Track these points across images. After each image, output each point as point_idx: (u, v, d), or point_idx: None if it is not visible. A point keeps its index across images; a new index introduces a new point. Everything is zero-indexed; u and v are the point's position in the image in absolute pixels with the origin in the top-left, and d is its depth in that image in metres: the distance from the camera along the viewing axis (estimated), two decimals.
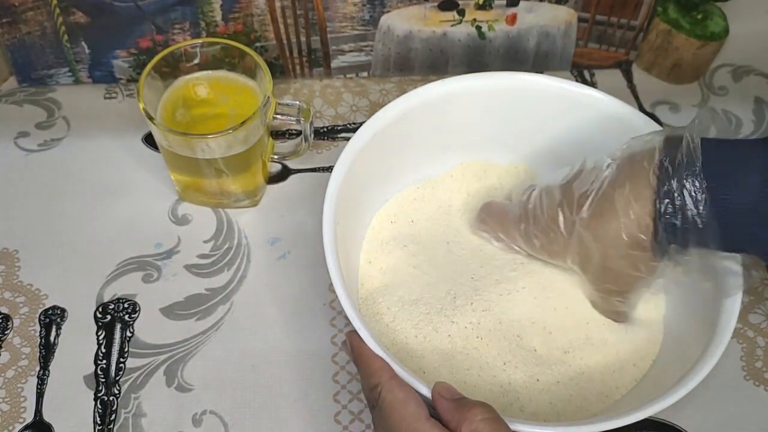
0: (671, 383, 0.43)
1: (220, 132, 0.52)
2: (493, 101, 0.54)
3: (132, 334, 0.53)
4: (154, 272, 0.56)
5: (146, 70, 0.54)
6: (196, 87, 0.57)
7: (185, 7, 0.61)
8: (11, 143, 0.63)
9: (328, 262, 0.44)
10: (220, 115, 0.57)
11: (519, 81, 0.54)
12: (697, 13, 0.67)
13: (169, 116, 0.55)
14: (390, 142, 0.52)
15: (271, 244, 0.58)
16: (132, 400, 0.50)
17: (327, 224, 0.46)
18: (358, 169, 0.50)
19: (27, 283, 0.55)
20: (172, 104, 0.56)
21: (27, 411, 0.50)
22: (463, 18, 0.65)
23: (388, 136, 0.51)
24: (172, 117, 0.55)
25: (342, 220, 0.47)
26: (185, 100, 0.57)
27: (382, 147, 0.51)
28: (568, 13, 0.66)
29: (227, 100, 0.57)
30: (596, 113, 0.53)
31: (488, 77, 0.54)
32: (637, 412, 0.41)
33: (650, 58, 0.70)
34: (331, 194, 0.47)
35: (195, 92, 0.57)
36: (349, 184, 0.48)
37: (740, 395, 0.52)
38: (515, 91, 0.54)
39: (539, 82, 0.54)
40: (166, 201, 0.60)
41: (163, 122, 0.54)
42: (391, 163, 0.54)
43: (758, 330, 0.55)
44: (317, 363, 0.52)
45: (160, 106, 0.55)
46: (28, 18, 0.61)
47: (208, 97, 0.57)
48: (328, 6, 0.62)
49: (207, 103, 0.57)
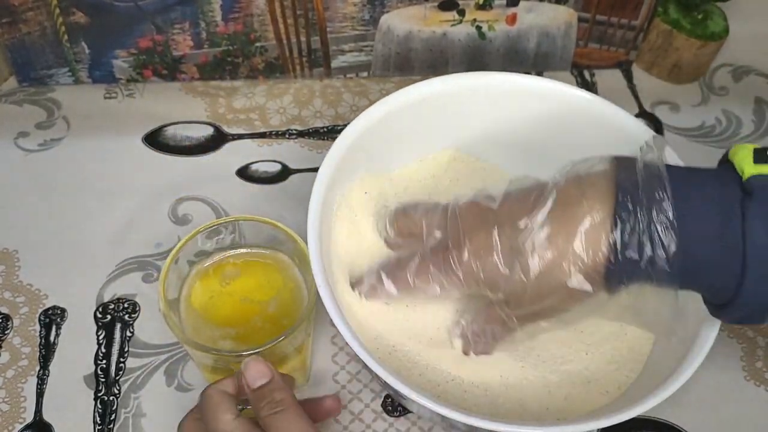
0: (663, 380, 0.43)
1: (263, 345, 0.43)
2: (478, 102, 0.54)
3: (132, 334, 0.53)
4: (154, 272, 0.56)
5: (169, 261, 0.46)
6: (226, 267, 0.49)
7: (185, 7, 0.61)
8: (11, 143, 0.63)
9: (312, 260, 0.44)
10: (252, 302, 0.47)
11: (488, 80, 0.54)
12: (698, 13, 0.67)
13: (198, 298, 0.47)
14: (374, 142, 0.52)
15: None
16: (132, 399, 0.50)
17: (312, 222, 0.46)
18: (345, 167, 0.50)
19: (27, 283, 0.55)
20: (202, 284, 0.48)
21: (27, 411, 0.50)
22: (463, 18, 0.65)
23: (374, 134, 0.51)
24: (202, 299, 0.47)
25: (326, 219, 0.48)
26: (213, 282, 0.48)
27: (368, 147, 0.51)
28: (568, 13, 0.66)
29: (260, 283, 0.48)
30: (586, 115, 0.53)
31: (466, 78, 0.53)
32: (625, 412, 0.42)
33: (650, 58, 0.70)
34: (317, 193, 0.47)
35: (223, 273, 0.49)
36: (332, 184, 0.49)
37: (740, 395, 0.52)
38: (495, 90, 0.54)
39: (513, 81, 0.53)
40: (166, 201, 0.60)
41: (191, 303, 0.47)
42: (377, 163, 0.54)
43: (758, 330, 0.55)
44: (317, 363, 0.52)
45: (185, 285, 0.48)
46: (28, 18, 0.61)
47: (237, 277, 0.49)
48: (328, 6, 0.62)
49: (235, 283, 0.49)
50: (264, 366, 0.41)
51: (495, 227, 0.42)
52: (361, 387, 0.51)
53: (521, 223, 0.41)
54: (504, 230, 0.42)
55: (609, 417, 0.42)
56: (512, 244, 0.41)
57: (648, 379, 0.47)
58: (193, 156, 0.63)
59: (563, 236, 0.40)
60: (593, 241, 0.39)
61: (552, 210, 0.40)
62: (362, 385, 0.51)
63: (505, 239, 0.41)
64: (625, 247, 0.38)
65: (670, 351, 0.47)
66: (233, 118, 0.65)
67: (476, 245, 0.43)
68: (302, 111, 0.66)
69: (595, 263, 0.39)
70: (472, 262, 0.43)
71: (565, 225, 0.40)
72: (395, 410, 0.51)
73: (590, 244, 0.39)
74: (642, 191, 0.38)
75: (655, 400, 0.42)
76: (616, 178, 0.39)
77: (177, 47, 0.64)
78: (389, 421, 0.50)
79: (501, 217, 0.42)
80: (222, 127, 0.65)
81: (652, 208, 0.37)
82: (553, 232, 0.40)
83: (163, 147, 0.63)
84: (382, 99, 0.52)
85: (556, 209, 0.40)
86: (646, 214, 0.38)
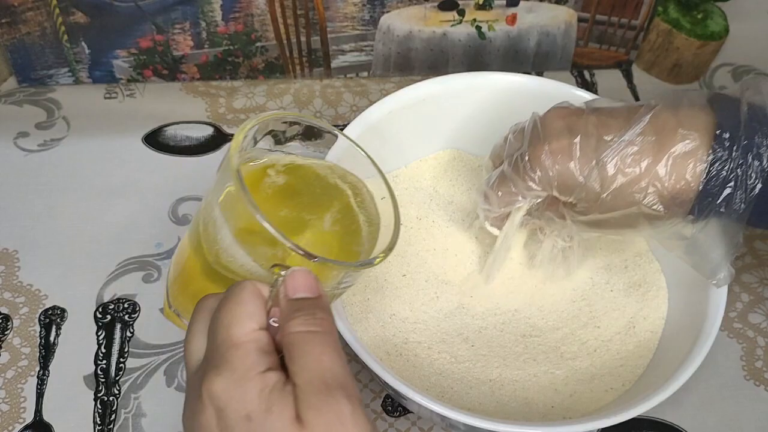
0: (666, 379, 0.44)
1: (347, 263, 0.37)
2: (478, 102, 0.54)
3: (132, 334, 0.53)
4: (154, 272, 0.56)
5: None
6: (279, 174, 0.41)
7: (185, 7, 0.61)
8: (11, 143, 0.63)
9: None
10: (310, 216, 0.40)
11: (485, 80, 0.54)
12: (698, 13, 0.67)
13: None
14: (374, 141, 0.52)
15: None
16: (132, 400, 0.50)
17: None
18: (345, 167, 0.50)
19: (27, 284, 0.55)
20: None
21: (27, 411, 0.50)
22: (463, 18, 0.65)
23: (374, 134, 0.51)
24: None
25: None
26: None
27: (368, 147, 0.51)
28: (568, 12, 0.66)
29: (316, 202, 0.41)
30: None
31: (466, 78, 0.54)
32: (627, 411, 0.42)
33: (650, 57, 0.70)
34: None
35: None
36: None
37: (740, 395, 0.52)
38: (495, 91, 0.54)
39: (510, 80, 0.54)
40: (166, 201, 0.60)
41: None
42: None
43: (758, 330, 0.55)
44: None
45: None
46: (27, 18, 0.61)
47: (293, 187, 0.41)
48: (328, 6, 0.62)
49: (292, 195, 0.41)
50: (315, 280, 0.34)
51: (579, 135, 0.42)
52: (361, 387, 0.51)
53: (608, 137, 0.42)
54: (588, 140, 0.42)
55: (610, 417, 0.42)
56: (595, 156, 0.41)
57: (651, 377, 0.47)
58: (193, 156, 0.63)
59: (650, 157, 0.41)
60: (679, 168, 0.40)
61: (643, 131, 0.41)
62: (362, 385, 0.51)
63: (588, 149, 0.42)
64: (710, 181, 0.39)
65: (673, 348, 0.47)
66: (233, 118, 0.65)
67: (555, 148, 0.43)
68: (302, 111, 0.66)
69: (675, 189, 0.41)
70: (548, 165, 0.43)
71: (654, 147, 0.41)
72: (395, 410, 0.51)
73: (675, 170, 0.40)
74: (743, 132, 0.39)
75: (659, 398, 0.42)
76: (716, 114, 0.40)
77: (177, 47, 0.64)
78: (389, 421, 0.50)
79: (588, 126, 0.42)
80: (222, 127, 0.65)
81: (749, 151, 0.39)
82: (641, 150, 0.41)
83: (163, 147, 0.63)
84: (382, 99, 0.52)
85: (648, 132, 0.41)
86: (741, 155, 0.39)
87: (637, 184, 0.41)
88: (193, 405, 0.32)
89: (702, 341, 0.44)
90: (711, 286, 0.46)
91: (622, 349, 0.49)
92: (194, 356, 0.34)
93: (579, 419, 0.43)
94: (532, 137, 0.44)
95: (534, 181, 0.44)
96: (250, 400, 0.30)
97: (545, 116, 0.45)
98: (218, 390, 0.31)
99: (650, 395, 0.42)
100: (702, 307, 0.46)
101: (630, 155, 0.41)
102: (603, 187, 0.42)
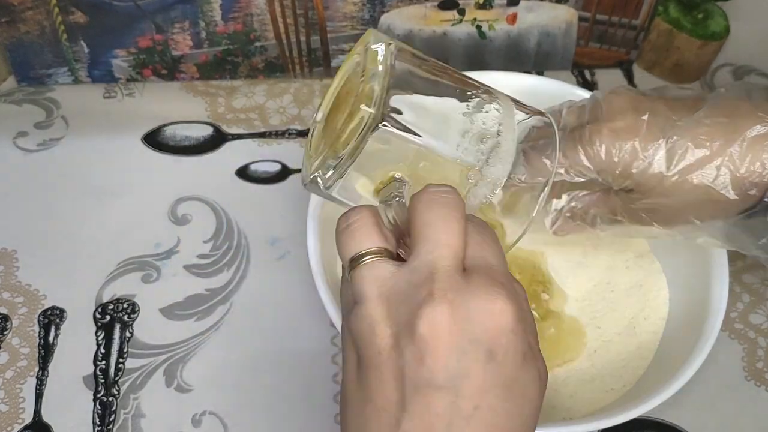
0: (667, 380, 0.44)
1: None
2: None
3: (131, 334, 0.53)
4: (154, 272, 0.56)
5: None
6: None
7: (185, 6, 0.61)
8: (10, 143, 0.62)
9: (311, 261, 0.44)
10: None
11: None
12: (698, 13, 0.67)
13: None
14: None
15: (271, 244, 0.58)
16: (131, 400, 0.50)
17: (312, 222, 0.48)
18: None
19: (26, 284, 0.55)
20: None
21: (26, 412, 0.50)
22: (463, 17, 0.65)
23: None
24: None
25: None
26: None
27: None
28: (569, 12, 0.65)
29: None
30: None
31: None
32: (628, 412, 0.42)
33: (651, 57, 0.69)
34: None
35: None
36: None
37: (741, 396, 0.52)
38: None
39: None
40: (165, 201, 0.60)
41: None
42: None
43: (759, 330, 0.55)
44: (317, 363, 0.52)
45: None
46: (26, 17, 0.61)
47: None
48: (327, 5, 0.62)
49: None
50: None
51: (647, 113, 0.40)
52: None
53: (676, 117, 0.40)
54: (656, 119, 0.40)
55: (611, 417, 0.42)
56: (662, 134, 0.40)
57: (652, 377, 0.47)
58: (192, 156, 0.63)
59: (723, 138, 0.39)
60: (756, 150, 0.38)
61: (715, 114, 0.39)
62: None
63: (655, 128, 0.40)
64: None
65: (674, 348, 0.47)
66: (233, 117, 0.65)
67: (619, 125, 0.41)
68: (302, 110, 0.66)
69: (749, 172, 0.39)
70: (609, 142, 0.41)
71: (728, 128, 0.39)
72: None
73: (750, 151, 0.38)
74: None
75: (659, 398, 0.42)
76: None
77: (177, 47, 0.64)
78: None
79: (656, 106, 0.41)
80: (222, 126, 0.65)
81: None
82: (713, 131, 0.39)
83: (162, 147, 0.63)
84: None
85: (720, 115, 0.39)
86: None
87: (708, 163, 0.39)
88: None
89: (703, 342, 0.44)
90: (712, 287, 0.46)
91: (623, 350, 0.49)
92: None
93: (579, 420, 0.43)
94: (593, 114, 0.42)
95: (588, 156, 0.41)
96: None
97: (609, 95, 0.43)
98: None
99: (651, 396, 0.42)
100: (703, 308, 0.46)
101: (701, 135, 0.39)
102: (670, 166, 0.40)
